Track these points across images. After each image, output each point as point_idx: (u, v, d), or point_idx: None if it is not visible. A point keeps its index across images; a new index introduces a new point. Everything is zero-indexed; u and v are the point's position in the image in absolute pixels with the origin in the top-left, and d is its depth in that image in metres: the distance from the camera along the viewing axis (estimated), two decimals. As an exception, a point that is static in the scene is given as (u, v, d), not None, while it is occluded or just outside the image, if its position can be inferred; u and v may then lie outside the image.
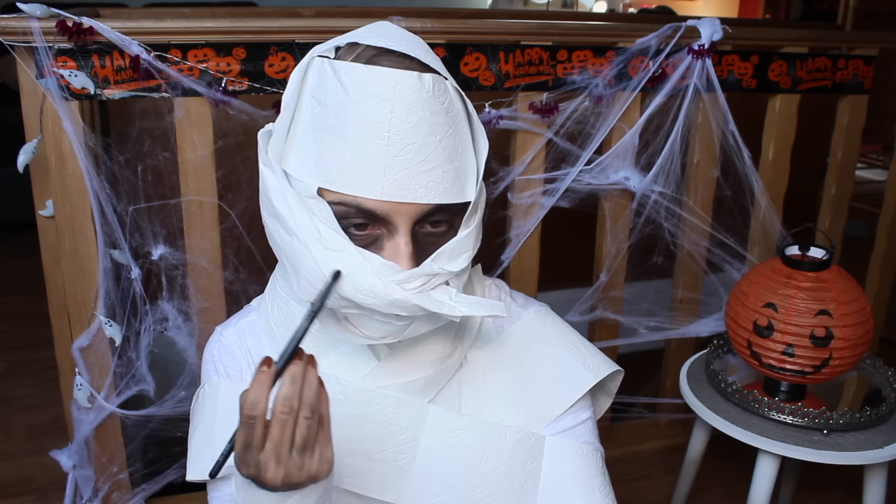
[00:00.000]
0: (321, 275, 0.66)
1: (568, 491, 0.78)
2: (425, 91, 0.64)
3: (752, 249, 1.86)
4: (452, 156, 0.67)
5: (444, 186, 0.66)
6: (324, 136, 0.65)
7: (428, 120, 0.65)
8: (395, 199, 0.65)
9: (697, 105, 1.70)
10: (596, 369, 0.82)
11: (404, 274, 0.66)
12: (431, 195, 0.66)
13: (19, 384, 2.30)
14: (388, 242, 0.67)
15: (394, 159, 0.64)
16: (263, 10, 2.62)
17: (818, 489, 1.83)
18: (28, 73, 1.31)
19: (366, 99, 0.64)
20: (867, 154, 4.48)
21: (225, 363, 0.83)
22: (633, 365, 1.26)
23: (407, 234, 0.67)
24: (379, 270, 0.65)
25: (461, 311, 0.67)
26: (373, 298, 0.65)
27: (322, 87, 0.66)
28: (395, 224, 0.66)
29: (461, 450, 0.77)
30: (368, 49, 0.67)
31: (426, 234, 0.69)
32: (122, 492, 1.56)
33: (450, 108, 0.67)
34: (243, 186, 1.53)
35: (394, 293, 0.65)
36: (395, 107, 0.63)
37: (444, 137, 0.66)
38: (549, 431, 0.80)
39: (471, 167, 0.70)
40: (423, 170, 0.65)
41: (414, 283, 0.67)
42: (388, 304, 0.65)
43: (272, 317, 0.80)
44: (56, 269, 1.44)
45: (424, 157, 0.65)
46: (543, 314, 0.86)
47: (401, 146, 0.64)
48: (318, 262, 0.66)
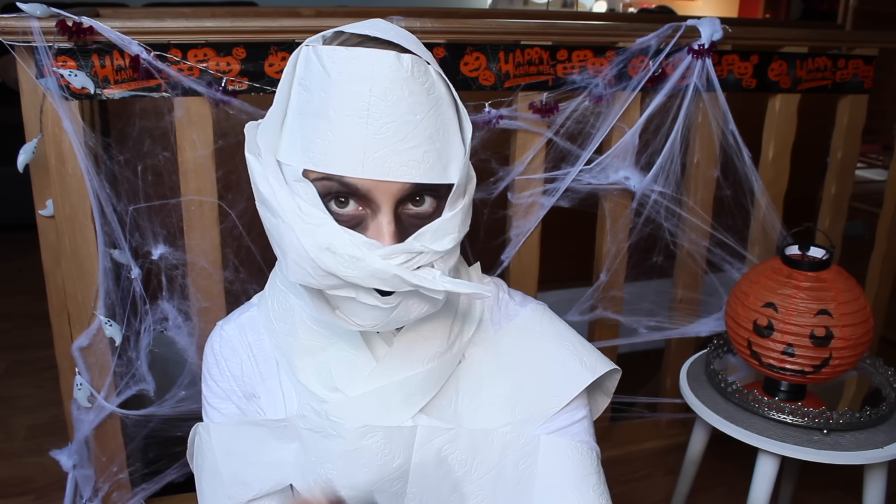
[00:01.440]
0: (304, 253, 0.67)
1: (562, 489, 0.78)
2: (404, 70, 0.65)
3: (752, 249, 1.86)
4: (434, 136, 0.67)
5: (425, 166, 0.67)
6: (308, 120, 0.67)
7: (407, 99, 0.65)
8: (375, 177, 0.65)
9: (697, 105, 1.70)
10: (593, 367, 0.82)
11: (385, 249, 0.66)
12: (412, 174, 0.66)
13: (19, 384, 2.30)
14: (372, 222, 0.68)
15: (373, 137, 0.64)
16: (263, 9, 2.62)
17: (818, 489, 1.83)
18: (28, 72, 1.31)
19: (346, 79, 0.65)
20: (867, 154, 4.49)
21: (226, 356, 0.83)
22: (633, 365, 1.26)
23: (389, 213, 0.67)
24: (360, 244, 0.66)
25: (443, 286, 0.67)
26: (353, 270, 0.66)
27: (307, 73, 0.67)
28: (378, 202, 0.67)
29: (451, 462, 0.78)
30: (353, 36, 0.69)
31: (411, 216, 0.69)
32: (122, 491, 1.56)
33: (431, 89, 0.68)
34: (243, 186, 1.53)
35: (374, 263, 0.65)
36: (374, 85, 0.64)
37: (425, 117, 0.67)
38: (545, 430, 0.80)
39: (455, 150, 0.71)
40: (403, 148, 0.65)
41: (396, 259, 0.67)
42: (369, 276, 0.66)
43: (272, 311, 0.81)
44: (56, 268, 1.44)
45: (404, 135, 0.65)
46: (541, 312, 0.86)
47: (380, 124, 0.64)
48: (300, 238, 0.67)
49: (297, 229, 0.67)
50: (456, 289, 0.68)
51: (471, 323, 0.82)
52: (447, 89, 0.71)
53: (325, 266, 0.66)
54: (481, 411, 0.80)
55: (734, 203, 1.80)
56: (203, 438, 0.83)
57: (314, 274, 0.67)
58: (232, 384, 0.83)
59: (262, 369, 0.82)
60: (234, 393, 0.83)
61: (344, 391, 0.76)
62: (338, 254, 0.66)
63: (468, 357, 0.81)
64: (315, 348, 0.78)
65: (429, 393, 0.77)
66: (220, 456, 0.80)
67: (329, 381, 0.77)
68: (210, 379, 0.84)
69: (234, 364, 0.83)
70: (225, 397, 0.83)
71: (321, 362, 0.77)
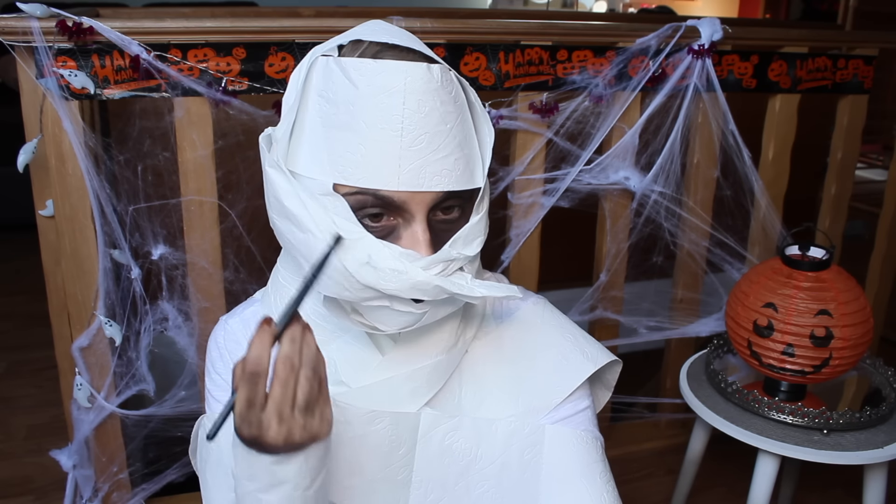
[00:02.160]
0: (342, 268, 0.67)
1: (569, 478, 0.79)
2: (434, 81, 0.66)
3: (752, 249, 1.86)
4: (462, 143, 0.69)
5: (456, 174, 0.68)
6: (335, 133, 0.66)
7: (438, 109, 0.66)
8: (411, 189, 0.66)
9: (697, 105, 1.70)
10: (594, 358, 0.83)
11: (425, 260, 0.67)
12: (445, 182, 0.67)
13: (19, 384, 2.30)
14: (405, 231, 0.68)
15: (408, 149, 0.65)
16: (263, 10, 2.62)
17: (818, 489, 1.83)
18: (28, 72, 1.31)
19: (377, 92, 0.65)
20: (867, 154, 4.49)
21: (230, 349, 0.83)
22: (633, 365, 1.26)
23: (423, 222, 0.68)
24: (400, 257, 0.67)
25: (480, 292, 0.69)
26: (395, 283, 0.66)
27: (329, 85, 0.67)
28: (412, 212, 0.67)
29: (455, 451, 0.78)
30: (372, 45, 0.69)
31: (439, 222, 0.70)
32: (122, 492, 1.56)
33: (457, 97, 0.69)
34: (243, 186, 1.53)
35: (416, 276, 0.66)
36: (407, 98, 0.65)
37: (454, 126, 0.68)
38: (549, 420, 0.80)
39: (477, 154, 0.72)
40: (437, 158, 0.66)
41: (435, 269, 0.68)
42: (410, 288, 0.67)
43: (274, 305, 0.82)
44: (56, 268, 1.44)
45: (437, 145, 0.66)
46: (542, 306, 0.87)
47: (414, 136, 0.65)
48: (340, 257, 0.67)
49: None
50: (491, 293, 0.70)
51: (474, 318, 0.82)
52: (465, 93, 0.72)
53: (365, 281, 0.67)
54: (485, 403, 0.80)
55: (734, 203, 1.80)
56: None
57: (351, 288, 0.68)
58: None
59: None
60: None
61: (349, 384, 0.76)
62: (378, 268, 0.66)
63: (471, 351, 0.82)
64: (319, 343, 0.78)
65: (435, 385, 0.78)
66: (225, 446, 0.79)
67: (333, 374, 0.77)
68: (214, 372, 0.84)
69: (239, 357, 0.83)
70: (228, 390, 0.83)
71: (325, 357, 0.78)
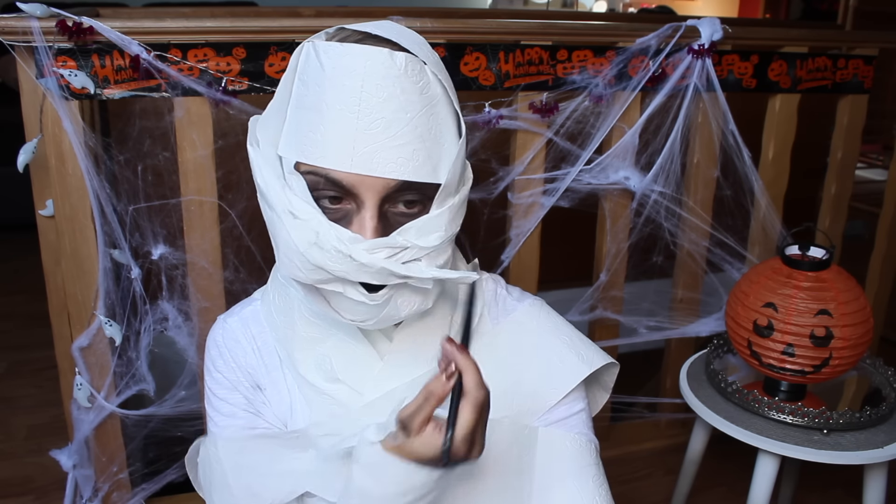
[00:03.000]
0: (294, 247, 0.68)
1: (561, 480, 0.79)
2: (396, 68, 0.66)
3: (752, 249, 1.86)
4: (424, 136, 0.68)
5: (413, 164, 0.67)
6: (303, 113, 0.68)
7: (398, 97, 0.66)
8: (362, 172, 0.66)
9: (697, 105, 1.70)
10: (590, 360, 0.83)
11: (368, 243, 0.67)
12: (400, 171, 0.66)
13: (19, 384, 2.30)
14: (356, 217, 0.68)
15: (363, 132, 0.65)
16: (263, 10, 2.62)
17: (818, 489, 1.83)
18: (28, 72, 1.31)
19: (339, 74, 0.66)
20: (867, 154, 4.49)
21: (230, 347, 0.83)
22: (633, 365, 1.26)
23: (373, 209, 0.68)
24: (343, 238, 0.67)
25: (431, 273, 0.69)
26: (340, 264, 0.67)
27: (307, 69, 0.69)
28: (363, 198, 0.67)
29: None
30: (354, 33, 0.70)
31: (398, 214, 0.70)
32: (122, 491, 1.56)
33: (425, 88, 0.68)
34: (243, 186, 1.53)
35: (360, 257, 0.66)
36: (366, 81, 0.65)
37: (416, 116, 0.67)
38: (543, 422, 0.80)
39: (447, 151, 0.71)
40: (392, 145, 0.66)
41: (381, 253, 0.68)
42: (356, 270, 0.67)
43: (273, 304, 0.82)
44: (56, 268, 1.44)
45: (394, 132, 0.66)
46: (538, 307, 0.87)
47: (370, 120, 0.65)
48: (290, 231, 0.68)
49: (287, 223, 0.68)
50: (442, 276, 0.69)
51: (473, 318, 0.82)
52: (444, 91, 0.71)
53: (314, 260, 0.67)
54: None
55: (734, 203, 1.80)
56: (210, 452, 0.82)
57: (303, 268, 0.68)
58: (238, 374, 0.82)
59: (266, 361, 0.82)
60: (241, 383, 0.82)
61: (346, 382, 0.77)
62: (324, 248, 0.67)
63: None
64: (314, 340, 0.78)
65: None
66: (229, 469, 0.79)
67: (329, 371, 0.77)
68: (215, 371, 0.83)
69: (240, 354, 0.83)
70: (232, 388, 0.82)
71: (321, 354, 0.78)
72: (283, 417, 0.82)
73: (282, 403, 0.81)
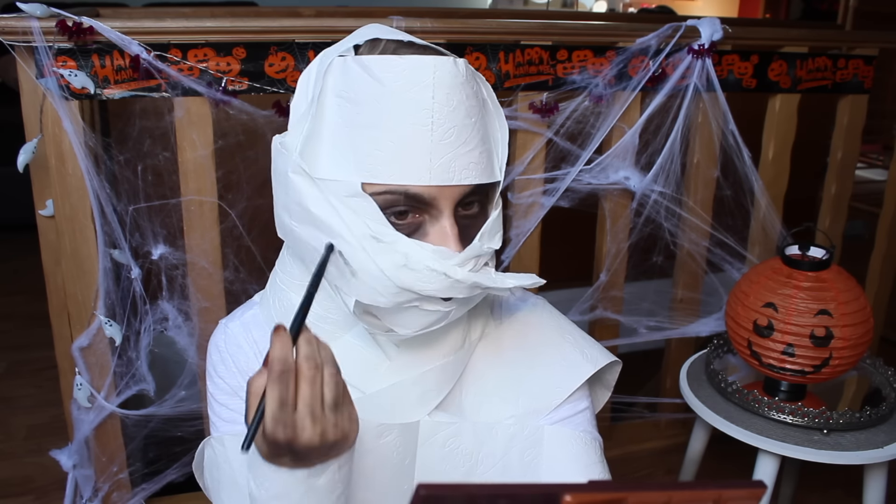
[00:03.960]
0: (378, 273, 0.66)
1: (568, 479, 0.78)
2: (461, 75, 0.66)
3: (752, 249, 1.86)
4: (486, 137, 0.69)
5: (481, 167, 0.68)
6: (360, 132, 0.66)
7: (465, 103, 0.66)
8: (442, 183, 0.66)
9: (697, 105, 1.70)
10: (594, 359, 0.83)
11: (459, 257, 0.67)
12: (473, 176, 0.67)
13: (19, 384, 2.30)
14: (433, 227, 0.68)
15: (438, 143, 0.65)
16: (263, 9, 2.62)
17: (818, 489, 1.83)
18: (28, 72, 1.31)
19: (406, 87, 0.65)
20: (867, 154, 4.49)
21: (232, 353, 0.83)
22: (633, 365, 1.26)
23: (451, 217, 0.68)
24: (436, 257, 0.67)
25: (510, 283, 0.70)
26: (434, 284, 0.66)
27: (350, 85, 0.66)
28: (440, 208, 0.67)
29: (456, 456, 0.78)
30: (390, 42, 0.69)
31: (461, 217, 0.70)
32: (122, 491, 1.56)
33: (478, 92, 0.69)
34: (243, 186, 1.53)
35: (455, 274, 0.66)
36: (437, 91, 0.65)
37: (479, 119, 0.68)
38: (548, 421, 0.80)
39: (494, 148, 0.72)
40: (465, 151, 0.66)
41: (468, 266, 0.68)
42: (449, 288, 0.67)
43: (273, 309, 0.81)
44: (56, 268, 1.44)
45: (465, 139, 0.66)
46: (541, 306, 0.87)
47: (444, 130, 0.65)
48: (374, 258, 0.66)
49: (370, 249, 0.66)
50: (520, 283, 0.70)
51: (479, 318, 0.82)
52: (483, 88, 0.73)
53: (402, 283, 0.66)
54: (485, 405, 0.80)
55: (734, 203, 1.80)
56: (217, 451, 0.81)
57: (386, 293, 0.67)
58: (240, 380, 0.82)
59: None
60: (243, 389, 0.81)
61: (352, 384, 0.76)
62: (416, 270, 0.66)
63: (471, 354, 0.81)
64: None
65: (444, 389, 0.77)
66: (237, 467, 0.78)
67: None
68: (216, 376, 0.83)
69: (242, 359, 0.83)
70: (233, 393, 0.82)
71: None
72: None
73: None
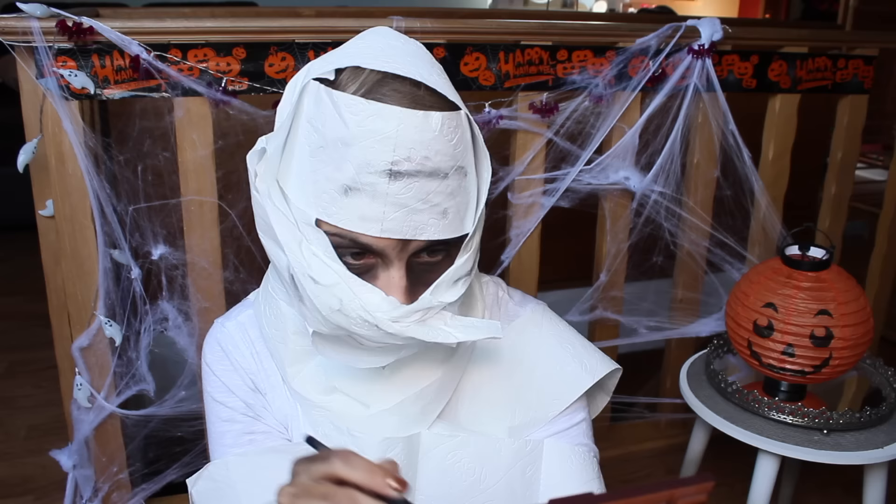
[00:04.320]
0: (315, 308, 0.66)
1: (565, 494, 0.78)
2: (431, 131, 0.62)
3: (752, 249, 1.86)
4: (455, 192, 0.65)
5: (444, 223, 0.65)
6: (322, 168, 0.63)
7: (432, 159, 0.62)
8: (393, 237, 0.63)
9: (697, 105, 1.70)
10: (593, 370, 0.82)
11: (402, 310, 0.65)
12: (430, 232, 0.64)
13: (19, 384, 2.30)
14: (383, 273, 0.66)
15: (395, 197, 0.62)
16: (263, 10, 2.62)
17: (818, 489, 1.83)
18: (28, 72, 1.31)
19: (367, 135, 0.61)
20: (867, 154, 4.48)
21: (228, 351, 0.82)
22: (633, 365, 1.26)
23: (402, 269, 0.65)
24: (376, 307, 0.64)
25: (456, 336, 0.66)
26: (366, 331, 0.65)
27: (319, 116, 0.63)
28: (391, 258, 0.65)
29: (458, 470, 0.77)
30: (373, 74, 0.64)
31: (422, 264, 0.67)
32: (122, 492, 1.56)
33: (458, 143, 0.64)
34: (243, 186, 1.53)
35: (388, 328, 0.64)
36: (398, 146, 0.61)
37: (449, 175, 0.64)
38: (544, 433, 0.80)
39: (472, 197, 0.68)
40: (424, 208, 0.63)
41: (412, 317, 0.66)
42: (382, 336, 0.65)
43: (264, 317, 0.80)
44: (56, 269, 1.44)
45: (426, 195, 0.63)
46: (541, 313, 0.86)
47: (402, 185, 0.62)
48: (312, 296, 0.65)
49: (309, 288, 0.65)
50: (469, 337, 0.67)
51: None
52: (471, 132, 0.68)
53: (338, 324, 0.65)
54: (481, 416, 0.79)
55: (734, 203, 1.80)
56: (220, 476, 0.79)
57: (326, 326, 0.66)
58: (236, 378, 0.82)
59: (265, 366, 0.82)
60: (240, 387, 0.81)
61: (343, 390, 0.75)
62: (349, 316, 0.64)
63: (469, 362, 0.81)
64: (307, 353, 0.77)
65: (443, 399, 0.77)
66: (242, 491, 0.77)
67: (324, 383, 0.76)
68: (213, 375, 0.83)
69: (238, 358, 0.82)
70: (229, 392, 0.82)
71: (314, 367, 0.77)
72: (284, 421, 0.81)
73: (283, 408, 0.81)
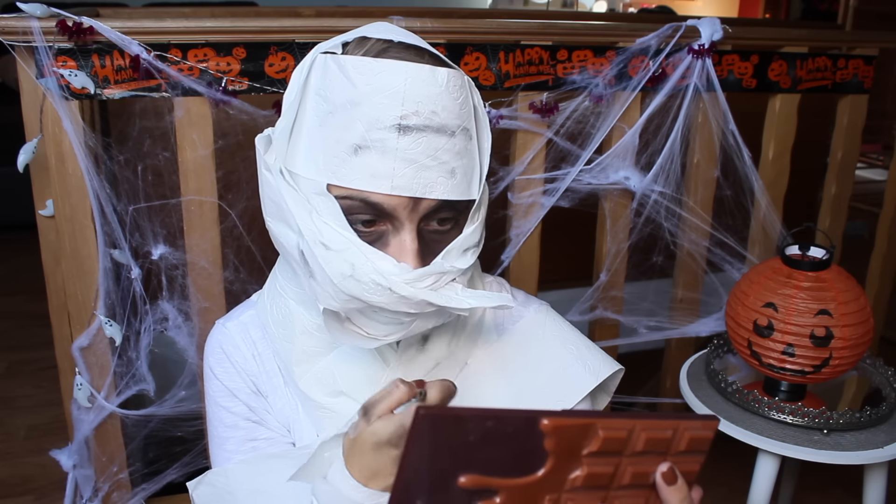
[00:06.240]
0: (328, 278, 0.65)
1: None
2: (438, 85, 0.63)
3: (752, 249, 1.86)
4: (462, 152, 0.66)
5: (452, 183, 0.65)
6: (331, 132, 0.64)
7: (439, 114, 0.63)
8: (403, 194, 0.63)
9: (697, 105, 1.70)
10: (596, 371, 0.82)
11: (414, 273, 0.65)
12: (440, 191, 0.65)
13: (19, 384, 2.30)
14: (394, 239, 0.66)
15: (405, 153, 0.63)
16: (263, 9, 2.62)
17: (818, 489, 1.83)
18: (28, 72, 1.31)
19: (375, 92, 0.62)
20: (867, 154, 4.49)
21: (230, 353, 0.82)
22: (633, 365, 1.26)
23: (413, 231, 0.66)
24: (384, 270, 0.64)
25: (469, 303, 0.67)
26: (378, 297, 0.65)
27: (327, 83, 0.65)
28: (401, 220, 0.65)
29: None
30: (379, 42, 0.66)
31: (432, 232, 0.68)
32: (122, 491, 1.56)
33: (464, 103, 0.66)
34: (243, 186, 1.53)
35: (401, 290, 0.64)
36: (406, 99, 0.62)
37: (456, 133, 0.65)
38: None
39: (476, 163, 0.69)
40: (433, 165, 0.64)
41: (424, 282, 0.66)
42: (397, 301, 0.65)
43: (270, 316, 0.80)
44: (56, 268, 1.44)
45: (434, 151, 0.63)
46: (544, 313, 0.86)
47: (411, 140, 0.62)
48: (323, 264, 0.65)
49: (320, 255, 0.65)
50: (482, 304, 0.67)
51: (472, 321, 0.81)
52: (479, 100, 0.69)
53: (350, 292, 0.65)
54: None
55: (734, 203, 1.80)
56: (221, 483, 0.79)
57: (337, 298, 0.66)
58: (238, 381, 0.81)
59: (266, 367, 0.82)
60: (242, 390, 0.81)
61: (350, 395, 0.75)
62: (361, 281, 0.64)
63: (471, 364, 0.80)
64: (315, 353, 0.77)
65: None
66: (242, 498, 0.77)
67: (332, 385, 0.76)
68: (215, 378, 0.82)
69: (240, 360, 0.82)
70: (232, 395, 0.81)
71: (322, 368, 0.76)
72: (287, 424, 0.81)
73: (284, 410, 0.81)
